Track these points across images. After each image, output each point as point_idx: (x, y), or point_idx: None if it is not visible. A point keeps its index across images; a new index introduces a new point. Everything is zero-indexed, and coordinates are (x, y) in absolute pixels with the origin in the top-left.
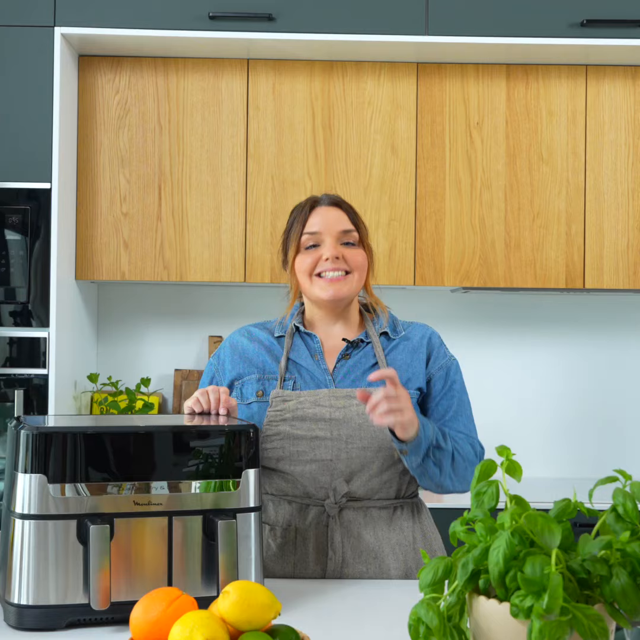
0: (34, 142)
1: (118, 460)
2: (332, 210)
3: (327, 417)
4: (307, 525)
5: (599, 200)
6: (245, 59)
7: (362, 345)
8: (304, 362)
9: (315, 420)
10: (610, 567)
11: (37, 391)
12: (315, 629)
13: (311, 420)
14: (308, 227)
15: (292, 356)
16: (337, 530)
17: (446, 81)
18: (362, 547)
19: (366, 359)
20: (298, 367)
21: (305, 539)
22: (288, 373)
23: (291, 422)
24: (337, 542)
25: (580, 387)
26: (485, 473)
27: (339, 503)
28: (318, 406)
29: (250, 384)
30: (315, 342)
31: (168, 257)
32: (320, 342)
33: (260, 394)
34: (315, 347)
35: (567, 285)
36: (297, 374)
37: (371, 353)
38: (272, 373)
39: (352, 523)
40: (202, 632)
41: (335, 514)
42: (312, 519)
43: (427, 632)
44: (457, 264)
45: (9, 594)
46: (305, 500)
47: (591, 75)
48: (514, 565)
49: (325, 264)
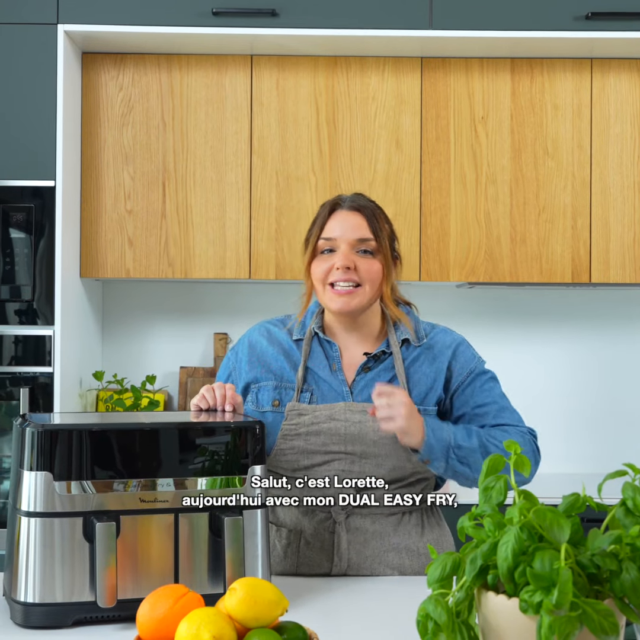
0: (37, 140)
1: (123, 457)
2: (351, 216)
3: (342, 432)
4: (313, 530)
5: (605, 194)
6: (248, 55)
7: (383, 357)
8: (322, 373)
9: (330, 435)
10: (620, 561)
11: (43, 389)
12: (323, 626)
13: (326, 435)
14: (325, 232)
15: (310, 364)
16: (343, 536)
17: (451, 76)
18: (368, 553)
19: (385, 372)
20: (316, 378)
21: (309, 542)
22: (306, 384)
23: (305, 436)
24: (343, 549)
25: (587, 381)
26: (493, 468)
27: (346, 509)
28: (333, 420)
29: (266, 390)
30: (334, 350)
31: (173, 254)
32: (339, 351)
33: (277, 404)
34: (334, 356)
35: (573, 280)
36: (315, 385)
37: (390, 365)
38: (290, 382)
39: (359, 529)
40: (209, 629)
41: (342, 520)
42: (318, 523)
43: (436, 628)
44: (463, 259)
45: (15, 592)
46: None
47: (596, 68)
48: (523, 560)
49: (336, 273)
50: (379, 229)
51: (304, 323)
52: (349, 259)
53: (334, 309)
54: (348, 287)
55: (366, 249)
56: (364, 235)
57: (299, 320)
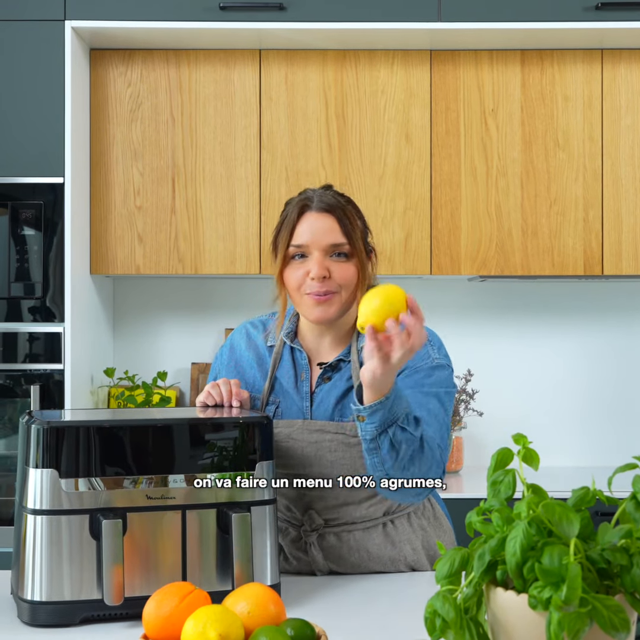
0: (46, 137)
1: (131, 453)
2: (321, 218)
3: (299, 453)
4: (288, 548)
5: (616, 186)
6: (257, 50)
7: (342, 366)
8: (287, 385)
9: (287, 457)
10: (631, 556)
11: (56, 387)
12: (330, 623)
13: (285, 457)
14: (295, 239)
15: (279, 374)
16: (318, 554)
17: (460, 68)
18: (348, 568)
19: (341, 381)
20: (282, 390)
21: (287, 559)
22: (273, 395)
23: None
24: (321, 565)
25: (599, 374)
26: (502, 462)
27: (317, 529)
28: (291, 439)
29: None
30: (303, 358)
31: (183, 250)
32: (307, 359)
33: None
34: (302, 364)
35: (586, 272)
36: (281, 397)
37: (347, 375)
38: (259, 392)
39: (334, 547)
40: (215, 627)
41: (313, 540)
42: (291, 542)
43: (444, 625)
44: (474, 253)
45: (22, 591)
46: (284, 523)
47: (607, 59)
48: (532, 555)
49: (312, 283)
50: (352, 230)
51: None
52: (322, 267)
53: (311, 318)
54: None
55: (340, 252)
56: (337, 240)
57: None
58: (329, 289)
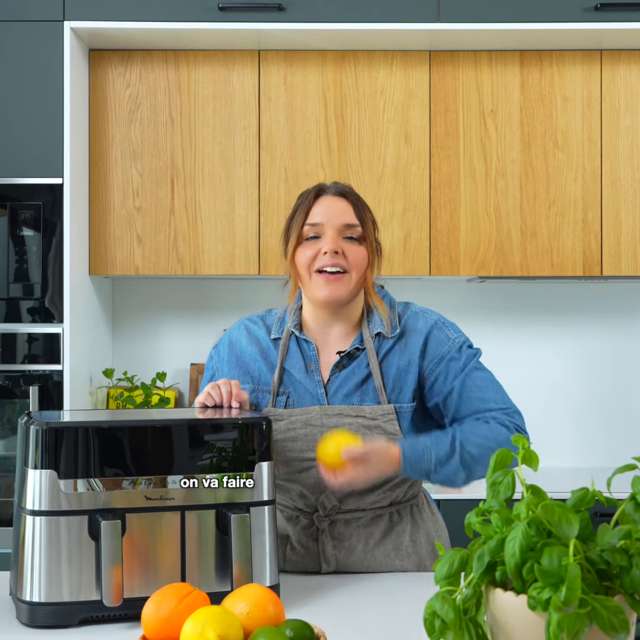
0: (45, 138)
1: (129, 454)
2: (337, 201)
3: (318, 438)
4: (297, 536)
5: (615, 187)
6: (256, 50)
7: (357, 354)
8: (298, 374)
9: (306, 442)
10: (630, 557)
11: (55, 387)
12: (330, 623)
13: (302, 442)
14: (310, 218)
15: (287, 365)
16: (328, 542)
17: (459, 69)
18: (354, 558)
19: (359, 369)
20: (292, 380)
21: (295, 548)
22: (282, 386)
23: (282, 443)
24: (329, 555)
25: (599, 376)
26: (501, 463)
27: (329, 516)
28: (309, 426)
29: None
30: (312, 349)
31: (182, 251)
32: (316, 349)
33: (254, 408)
34: (311, 356)
35: (585, 273)
36: (291, 387)
37: (365, 362)
38: (267, 384)
39: (343, 535)
40: (214, 628)
41: (325, 527)
42: (301, 530)
43: (443, 626)
44: (473, 253)
45: (21, 592)
46: (295, 511)
47: (606, 60)
48: (531, 556)
49: (324, 258)
50: (365, 216)
51: (283, 320)
52: (336, 243)
53: (320, 297)
54: (336, 273)
55: (352, 236)
56: (351, 220)
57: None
58: (340, 263)
